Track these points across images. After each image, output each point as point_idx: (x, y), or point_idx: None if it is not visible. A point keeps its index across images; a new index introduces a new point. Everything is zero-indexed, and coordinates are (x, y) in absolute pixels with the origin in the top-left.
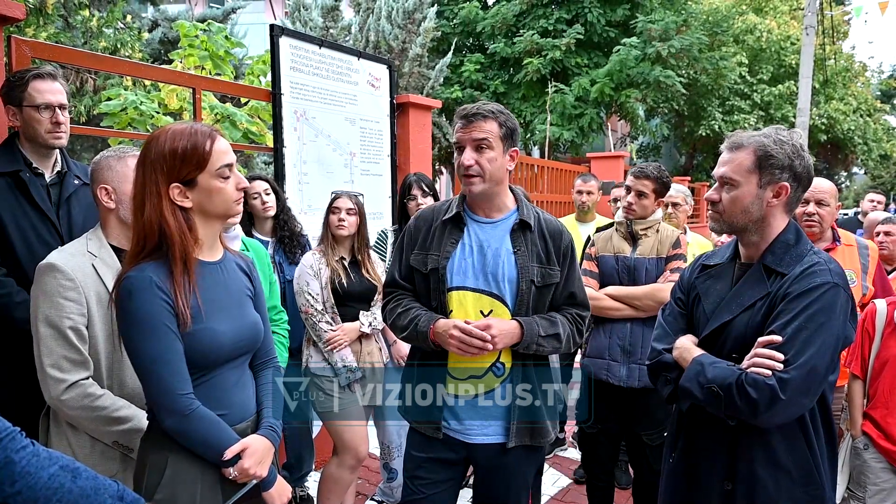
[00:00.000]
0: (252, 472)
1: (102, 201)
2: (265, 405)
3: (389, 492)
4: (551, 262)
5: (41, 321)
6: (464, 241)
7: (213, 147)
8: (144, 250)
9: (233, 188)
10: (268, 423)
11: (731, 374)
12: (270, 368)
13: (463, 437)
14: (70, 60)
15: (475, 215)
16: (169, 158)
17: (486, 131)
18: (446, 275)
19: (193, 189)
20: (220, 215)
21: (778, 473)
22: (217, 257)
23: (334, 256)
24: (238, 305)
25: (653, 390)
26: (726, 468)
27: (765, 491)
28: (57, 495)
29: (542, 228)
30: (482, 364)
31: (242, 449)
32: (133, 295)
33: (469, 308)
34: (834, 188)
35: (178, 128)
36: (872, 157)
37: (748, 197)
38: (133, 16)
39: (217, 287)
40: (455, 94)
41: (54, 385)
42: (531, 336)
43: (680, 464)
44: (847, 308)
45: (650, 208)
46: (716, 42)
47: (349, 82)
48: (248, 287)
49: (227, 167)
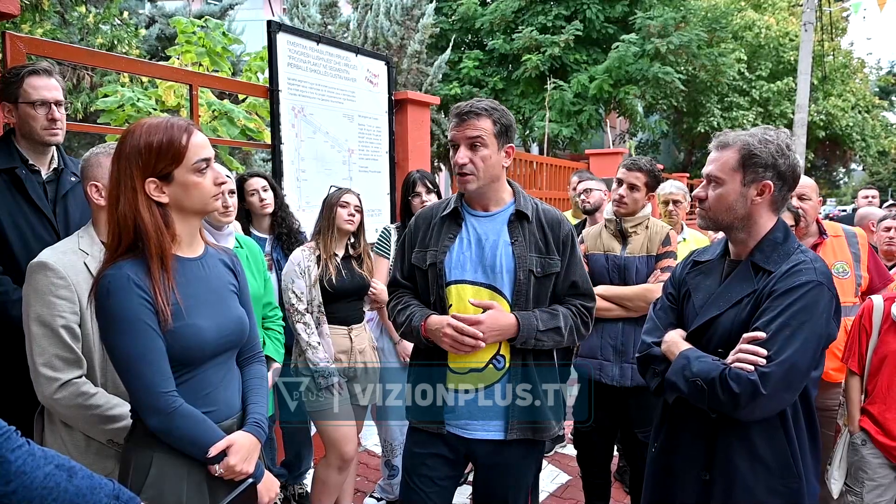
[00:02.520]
0: (238, 469)
1: (93, 198)
2: (250, 400)
3: (389, 489)
4: (550, 252)
5: (33, 320)
6: (462, 235)
7: (190, 141)
8: (121, 247)
9: (210, 183)
10: (253, 419)
11: (715, 368)
12: (256, 363)
13: (464, 433)
14: (66, 57)
15: (473, 210)
16: (144, 153)
17: (480, 129)
18: (444, 269)
19: (170, 184)
20: (198, 211)
21: (755, 465)
22: (198, 253)
23: (330, 252)
24: (221, 301)
25: (646, 388)
26: (704, 459)
27: (742, 482)
28: (52, 494)
29: (541, 218)
30: (482, 358)
31: (228, 446)
32: (111, 294)
33: (468, 301)
34: (814, 183)
35: (153, 122)
36: (871, 154)
37: (732, 195)
38: (130, 12)
39: (198, 283)
40: (454, 91)
41: (47, 384)
42: (529, 331)
43: (661, 454)
44: (830, 307)
45: (641, 202)
46: (714, 38)
47: (347, 79)
48: (231, 283)
49: (203, 161)
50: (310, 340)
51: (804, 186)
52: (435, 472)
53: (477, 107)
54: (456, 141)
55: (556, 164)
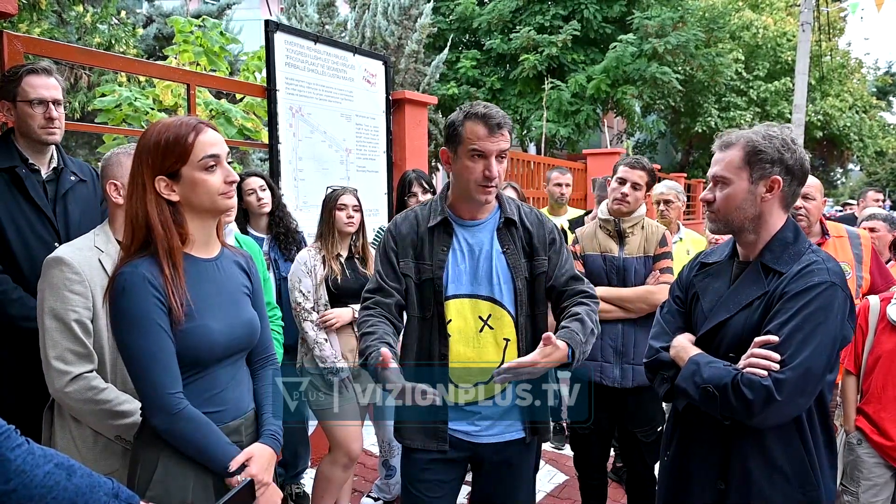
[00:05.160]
0: (260, 480)
1: (111, 197)
2: (265, 410)
3: (386, 488)
4: (536, 253)
5: (47, 314)
6: (454, 246)
7: (197, 139)
8: (133, 243)
9: (218, 181)
10: (269, 431)
11: (727, 374)
12: (270, 369)
13: (468, 437)
14: (64, 56)
15: (461, 219)
16: (153, 150)
17: (507, 141)
18: (442, 284)
19: (179, 182)
20: (208, 209)
21: (773, 474)
22: (213, 254)
23: (333, 253)
24: (233, 303)
25: (645, 388)
26: (720, 468)
27: (759, 491)
28: (52, 493)
29: (524, 221)
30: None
31: (247, 458)
32: (125, 292)
33: (468, 315)
34: (819, 183)
35: (167, 120)
36: (868, 154)
37: (741, 194)
38: (127, 12)
39: (211, 284)
40: (451, 91)
41: (58, 377)
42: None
43: (675, 462)
44: (845, 308)
45: (640, 201)
46: (712, 38)
47: (345, 78)
48: (245, 285)
49: (211, 158)
50: (317, 338)
51: (809, 186)
52: (439, 477)
53: (506, 120)
54: (487, 152)
55: (554, 164)
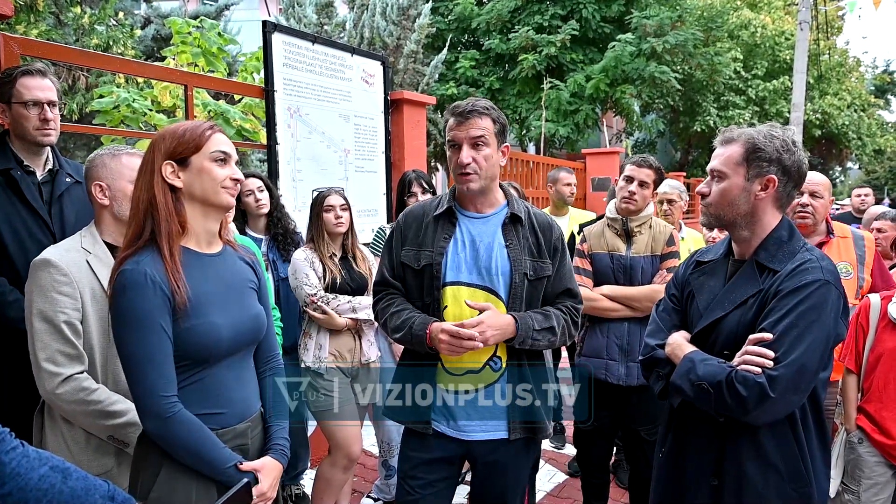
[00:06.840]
0: (268, 497)
1: (97, 198)
2: (274, 422)
3: (386, 489)
4: (542, 256)
5: (35, 316)
6: (456, 236)
7: (213, 135)
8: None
9: (224, 174)
10: (278, 445)
11: (721, 371)
12: (276, 372)
13: (462, 435)
14: (61, 57)
15: (466, 211)
16: (168, 138)
17: (482, 128)
18: (441, 270)
19: (185, 169)
20: (209, 199)
21: (767, 470)
22: (215, 250)
23: (327, 254)
24: (238, 298)
25: (649, 386)
26: (714, 464)
27: (753, 487)
28: (48, 496)
29: (533, 222)
30: (479, 359)
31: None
32: (126, 290)
33: (463, 302)
34: (827, 181)
35: (186, 122)
36: (866, 152)
37: (735, 189)
38: (125, 13)
39: (215, 279)
40: (450, 91)
41: (49, 379)
42: (526, 330)
43: (669, 459)
44: (838, 306)
45: (648, 199)
46: (710, 38)
47: (343, 79)
48: (251, 280)
49: (221, 152)
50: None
51: (817, 184)
52: (432, 476)
53: (478, 106)
54: (457, 140)
55: (553, 164)
